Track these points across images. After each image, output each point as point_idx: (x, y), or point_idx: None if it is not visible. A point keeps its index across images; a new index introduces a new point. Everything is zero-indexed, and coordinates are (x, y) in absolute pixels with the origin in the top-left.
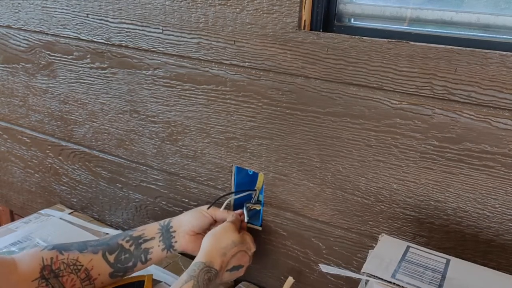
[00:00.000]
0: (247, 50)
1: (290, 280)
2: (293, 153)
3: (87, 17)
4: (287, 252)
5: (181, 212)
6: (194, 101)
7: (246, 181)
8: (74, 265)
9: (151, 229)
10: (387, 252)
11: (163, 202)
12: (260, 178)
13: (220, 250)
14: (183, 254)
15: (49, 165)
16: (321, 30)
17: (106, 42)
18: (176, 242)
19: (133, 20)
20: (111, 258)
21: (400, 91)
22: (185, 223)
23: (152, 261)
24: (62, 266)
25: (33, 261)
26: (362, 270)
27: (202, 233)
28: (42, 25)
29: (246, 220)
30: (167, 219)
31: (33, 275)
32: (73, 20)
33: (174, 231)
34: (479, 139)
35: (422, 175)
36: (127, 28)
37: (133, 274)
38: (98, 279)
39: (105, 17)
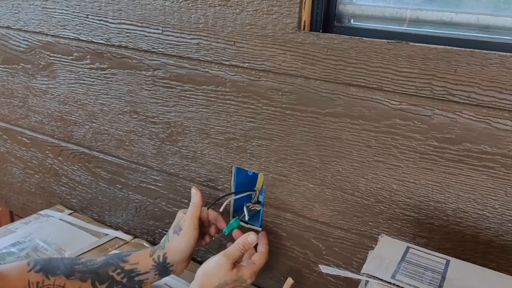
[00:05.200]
0: (247, 51)
1: (290, 281)
2: (292, 154)
3: (87, 17)
4: (287, 253)
5: None
6: (193, 102)
7: (246, 182)
8: None
9: (145, 264)
10: (387, 253)
11: (162, 203)
12: (260, 179)
13: None
14: None
15: (49, 166)
16: (320, 30)
17: (106, 43)
18: (173, 272)
19: (133, 21)
20: (102, 287)
21: (400, 91)
22: (179, 254)
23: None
24: None
25: (20, 282)
26: (362, 271)
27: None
28: (42, 26)
29: (246, 219)
30: (160, 254)
31: None
32: (73, 20)
33: (172, 265)
34: (479, 139)
35: (421, 176)
36: (127, 29)
37: None
38: None
39: (105, 17)
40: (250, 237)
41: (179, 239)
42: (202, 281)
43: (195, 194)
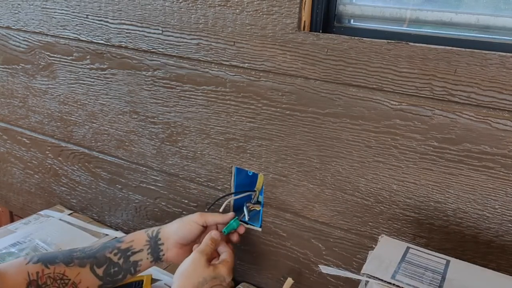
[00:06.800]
0: (247, 51)
1: (290, 281)
2: (292, 154)
3: (86, 18)
4: (287, 253)
5: (180, 213)
6: (193, 102)
7: (246, 182)
8: (61, 279)
9: (139, 239)
10: (387, 253)
11: (162, 203)
12: (260, 179)
13: None
14: None
15: (49, 166)
16: (320, 31)
17: (106, 43)
18: (163, 255)
19: (132, 21)
20: (100, 271)
21: (400, 92)
22: (172, 234)
23: (140, 271)
24: (49, 280)
25: (19, 275)
26: (362, 271)
27: (190, 244)
28: (42, 26)
29: (246, 219)
30: (156, 229)
31: None
32: (72, 21)
33: (162, 244)
34: (479, 140)
35: (422, 176)
36: (127, 29)
37: None
38: None
39: (105, 18)
40: (213, 232)
41: (178, 221)
42: (182, 282)
43: (226, 216)
